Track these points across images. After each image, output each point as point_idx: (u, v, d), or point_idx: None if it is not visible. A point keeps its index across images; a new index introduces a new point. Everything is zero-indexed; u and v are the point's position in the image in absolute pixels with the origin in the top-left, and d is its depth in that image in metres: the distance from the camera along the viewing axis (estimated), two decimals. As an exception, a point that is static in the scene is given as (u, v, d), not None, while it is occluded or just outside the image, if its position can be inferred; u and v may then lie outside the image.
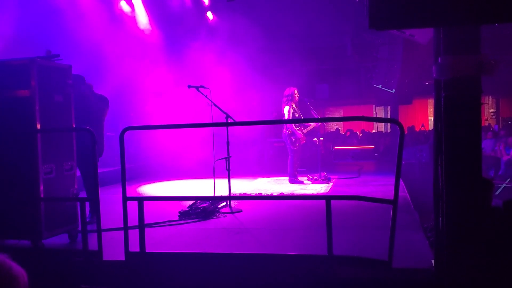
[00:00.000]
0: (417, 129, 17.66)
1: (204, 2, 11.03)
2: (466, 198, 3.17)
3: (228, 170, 5.81)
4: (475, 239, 3.16)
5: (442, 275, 3.24)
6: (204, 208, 5.50)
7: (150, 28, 10.51)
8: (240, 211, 5.76)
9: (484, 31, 3.20)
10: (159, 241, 4.45)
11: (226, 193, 5.96)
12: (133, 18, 10.40)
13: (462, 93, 3.15)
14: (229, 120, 5.69)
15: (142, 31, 10.49)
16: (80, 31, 8.64)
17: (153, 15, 10.60)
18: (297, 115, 7.98)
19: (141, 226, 3.87)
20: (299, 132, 8.01)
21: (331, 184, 8.12)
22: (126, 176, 3.93)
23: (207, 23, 11.56)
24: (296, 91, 8.04)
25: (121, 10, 10.18)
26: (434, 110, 3.33)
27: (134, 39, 10.16)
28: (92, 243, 3.94)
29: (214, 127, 6.33)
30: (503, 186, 8.26)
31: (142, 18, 10.48)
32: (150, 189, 8.19)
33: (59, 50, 4.53)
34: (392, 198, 3.36)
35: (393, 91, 13.23)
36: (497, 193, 7.51)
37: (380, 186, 7.76)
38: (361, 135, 17.34)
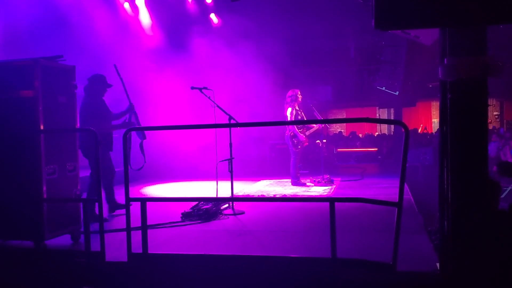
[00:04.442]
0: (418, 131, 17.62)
1: (207, 3, 11.04)
2: (472, 201, 3.14)
3: (231, 171, 5.80)
4: (481, 242, 3.13)
5: (447, 278, 3.21)
6: (206, 209, 5.49)
7: (154, 30, 10.53)
8: (243, 213, 5.74)
9: (490, 33, 3.17)
10: (162, 242, 4.43)
11: (228, 195, 5.93)
12: (137, 20, 10.43)
13: (468, 94, 3.12)
14: (232, 122, 5.67)
15: (146, 32, 10.51)
16: (84, 33, 8.66)
17: (156, 16, 10.61)
18: (299, 117, 7.93)
19: (144, 227, 3.85)
20: (301, 134, 7.97)
21: (334, 186, 8.08)
22: (129, 177, 3.92)
23: (210, 25, 11.57)
24: (299, 93, 8.01)
25: (125, 12, 10.21)
26: (440, 111, 3.30)
27: (137, 41, 10.17)
28: (95, 244, 3.93)
29: (216, 129, 6.32)
30: (508, 189, 8.19)
31: (146, 20, 10.50)
32: (153, 190, 8.18)
33: (62, 51, 4.53)
34: (396, 200, 3.34)
35: (397, 93, 13.17)
36: (502, 196, 7.46)
37: (383, 189, 7.72)
38: (363, 135, 17.31)
